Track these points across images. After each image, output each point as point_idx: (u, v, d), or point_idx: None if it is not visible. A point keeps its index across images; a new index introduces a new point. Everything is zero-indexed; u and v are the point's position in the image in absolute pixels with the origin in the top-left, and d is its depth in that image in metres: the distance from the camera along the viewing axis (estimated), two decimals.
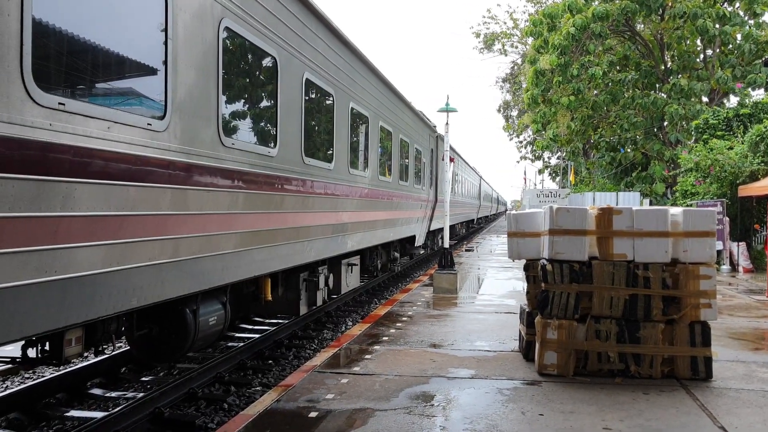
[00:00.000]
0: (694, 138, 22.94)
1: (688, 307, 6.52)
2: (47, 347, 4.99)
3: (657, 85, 26.41)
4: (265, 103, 7.49)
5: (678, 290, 6.54)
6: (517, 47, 48.48)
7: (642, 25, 27.55)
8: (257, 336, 9.70)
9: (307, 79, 8.48)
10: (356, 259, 12.37)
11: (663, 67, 26.14)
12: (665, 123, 25.43)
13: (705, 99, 25.96)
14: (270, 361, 8.93)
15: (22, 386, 6.86)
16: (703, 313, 6.54)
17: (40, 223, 3.92)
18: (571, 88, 25.03)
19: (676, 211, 6.79)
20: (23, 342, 4.91)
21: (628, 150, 27.81)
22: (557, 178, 56.07)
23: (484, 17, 71.64)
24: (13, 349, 5.52)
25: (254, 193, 6.90)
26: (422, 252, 22.98)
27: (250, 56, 7.06)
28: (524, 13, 52.78)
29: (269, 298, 8.52)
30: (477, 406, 5.63)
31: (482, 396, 5.95)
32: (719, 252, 16.31)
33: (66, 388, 7.12)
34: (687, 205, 17.99)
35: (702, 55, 26.95)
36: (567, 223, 6.72)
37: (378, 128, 12.74)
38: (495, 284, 14.76)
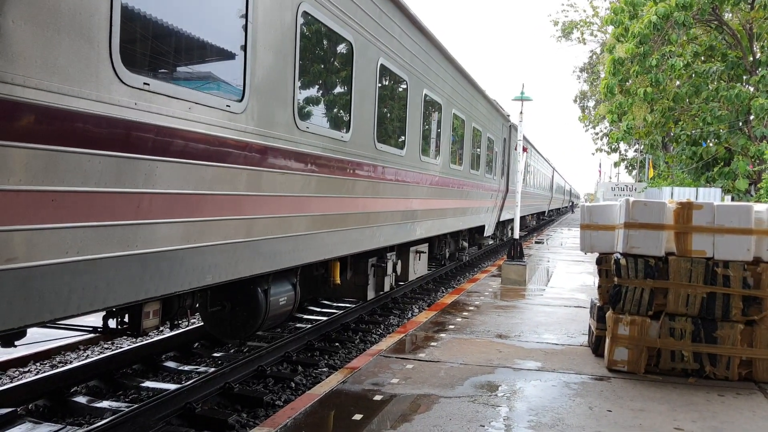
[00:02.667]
0: None
1: None
2: (126, 319, 5.19)
3: (744, 77, 25.23)
4: (339, 88, 7.54)
5: (760, 290, 6.28)
6: (596, 36, 47.14)
7: (730, 14, 26.33)
8: (325, 318, 9.85)
9: (381, 64, 8.49)
10: (424, 247, 12.37)
11: (751, 59, 24.97)
12: (751, 117, 24.31)
13: None
14: (337, 344, 9.05)
15: (102, 356, 7.19)
16: None
17: (123, 199, 4.08)
18: (649, 79, 24.19)
19: (760, 207, 6.51)
20: (104, 313, 5.12)
21: (711, 144, 26.73)
22: (633, 172, 54.44)
23: (562, 5, 69.92)
24: (95, 320, 5.77)
25: (326, 177, 6.98)
26: (491, 242, 22.77)
27: (326, 41, 7.12)
28: (605, 0, 51.26)
29: (338, 281, 8.62)
30: (543, 399, 5.57)
31: (548, 389, 5.88)
32: None
33: (142, 359, 7.42)
34: None
35: None
36: (644, 216, 6.53)
37: (451, 116, 12.66)
38: (565, 277, 14.51)
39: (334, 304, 11.40)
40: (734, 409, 5.50)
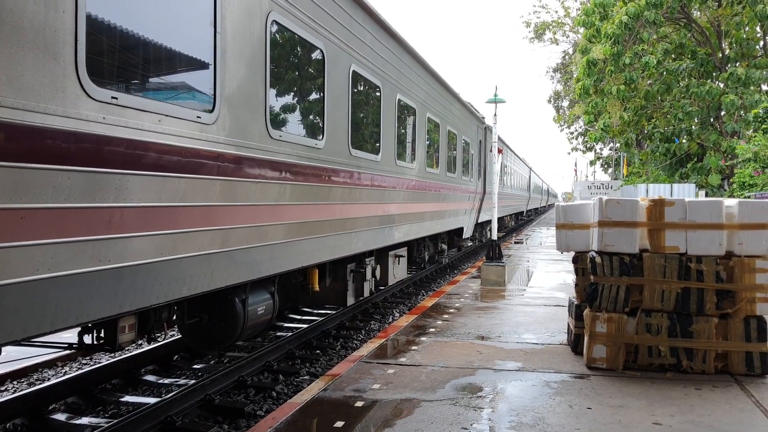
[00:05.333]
0: (753, 128, 22.19)
1: (743, 302, 6.35)
2: (102, 334, 5.14)
3: (714, 74, 25.62)
4: (312, 96, 7.54)
5: (732, 284, 6.37)
6: (568, 36, 47.63)
7: (698, 12, 26.74)
8: (305, 326, 9.82)
9: (354, 71, 8.51)
10: (403, 251, 12.39)
11: (720, 55, 25.36)
12: (722, 112, 24.67)
13: (765, 87, 25.06)
14: (318, 351, 9.03)
15: (80, 372, 7.11)
16: (759, 307, 6.37)
17: (94, 214, 4.04)
18: (623, 78, 24.48)
19: (731, 202, 6.61)
20: (80, 328, 5.06)
21: (683, 141, 27.09)
22: (609, 170, 54.97)
23: (534, 6, 70.59)
24: (71, 336, 5.70)
25: (302, 185, 6.98)
26: (470, 244, 22.85)
27: (297, 49, 7.12)
28: (576, 0, 51.80)
29: (317, 288, 8.60)
30: (523, 399, 5.60)
31: (529, 388, 5.92)
32: None
33: (121, 374, 7.35)
34: (745, 197, 17.43)
35: (762, 42, 26.03)
36: (617, 214, 6.60)
37: (425, 120, 12.70)
38: (544, 277, 14.61)
39: (315, 312, 11.36)
40: (711, 401, 5.57)
